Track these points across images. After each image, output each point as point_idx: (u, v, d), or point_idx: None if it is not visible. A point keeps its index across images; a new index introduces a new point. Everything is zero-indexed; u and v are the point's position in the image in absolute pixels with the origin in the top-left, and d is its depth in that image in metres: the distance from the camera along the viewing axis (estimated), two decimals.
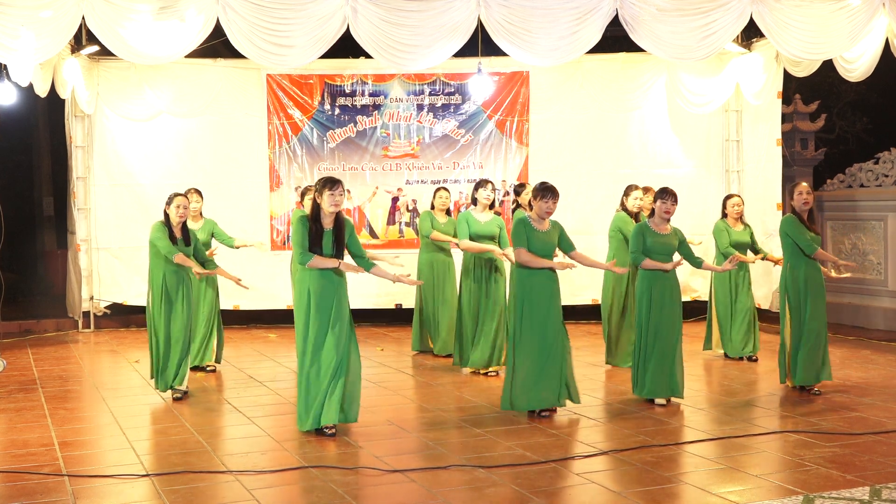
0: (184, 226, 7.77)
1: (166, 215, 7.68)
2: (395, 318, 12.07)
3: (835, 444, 5.99)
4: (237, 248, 9.31)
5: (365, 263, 6.63)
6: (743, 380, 8.31)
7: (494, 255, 8.58)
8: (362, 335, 11.21)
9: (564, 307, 10.63)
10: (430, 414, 7.19)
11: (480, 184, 8.71)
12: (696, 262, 7.53)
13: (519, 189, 9.36)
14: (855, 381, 8.11)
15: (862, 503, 4.85)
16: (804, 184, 7.79)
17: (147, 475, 5.53)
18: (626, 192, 8.98)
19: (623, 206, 8.99)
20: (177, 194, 7.77)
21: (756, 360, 9.11)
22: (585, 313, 11.83)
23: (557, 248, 7.10)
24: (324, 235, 6.36)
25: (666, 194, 7.29)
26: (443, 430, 6.65)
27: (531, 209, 7.03)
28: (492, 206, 8.83)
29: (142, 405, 7.58)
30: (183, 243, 7.72)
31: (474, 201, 8.70)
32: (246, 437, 6.50)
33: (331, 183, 6.35)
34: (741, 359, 9.18)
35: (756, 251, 9.14)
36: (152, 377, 7.83)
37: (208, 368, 9.00)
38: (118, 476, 5.53)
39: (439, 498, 5.05)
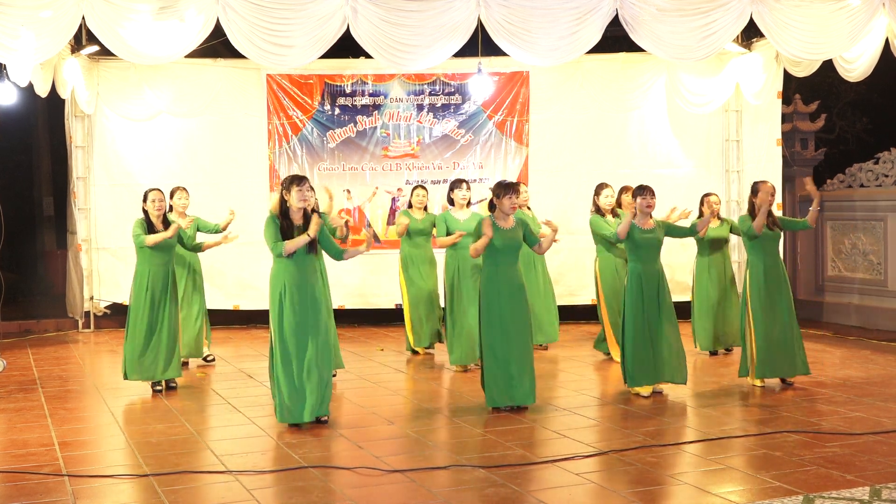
0: (164, 219, 8.00)
1: (145, 212, 7.95)
2: (396, 318, 12.05)
3: (835, 444, 5.99)
4: (223, 228, 9.15)
5: (337, 255, 6.77)
6: (742, 380, 8.31)
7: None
8: (362, 335, 11.23)
9: (564, 307, 10.67)
10: (429, 414, 7.19)
11: (455, 184, 8.90)
12: (689, 231, 7.96)
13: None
14: (855, 380, 8.11)
15: (862, 503, 4.85)
16: (769, 183, 7.86)
17: (147, 475, 5.53)
18: (597, 191, 9.15)
19: (595, 206, 9.12)
20: (151, 190, 8.08)
21: (731, 351, 9.44)
22: (585, 313, 11.81)
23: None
24: (294, 230, 6.51)
25: (644, 190, 7.48)
26: (442, 429, 6.65)
27: (492, 210, 7.10)
28: (469, 204, 9.03)
29: (142, 405, 7.59)
30: None
31: (451, 202, 8.82)
32: (246, 437, 6.50)
33: (298, 180, 6.54)
34: (716, 352, 9.45)
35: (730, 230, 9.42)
36: (125, 376, 7.94)
37: (208, 359, 9.37)
38: (118, 476, 5.53)
39: (439, 498, 5.05)
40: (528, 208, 9.76)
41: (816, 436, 6.21)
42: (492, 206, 7.12)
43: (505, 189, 6.98)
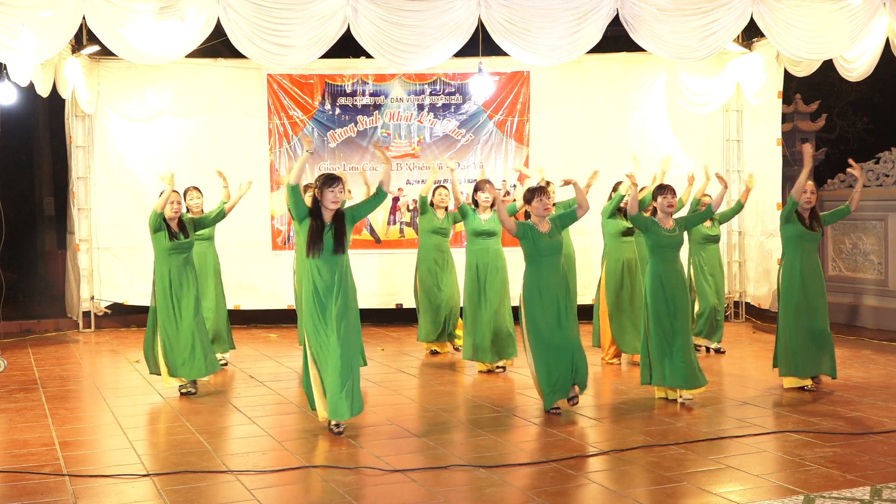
0: (180, 220, 7.90)
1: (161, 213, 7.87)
2: (396, 317, 12.07)
3: (835, 444, 5.99)
4: (230, 204, 8.82)
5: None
6: (743, 379, 8.31)
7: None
8: (363, 335, 11.20)
9: None
10: (430, 414, 7.20)
11: (479, 186, 8.72)
12: (705, 213, 7.77)
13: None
14: (855, 381, 8.11)
15: (862, 503, 4.85)
16: (809, 182, 7.77)
17: (147, 475, 5.54)
18: (615, 188, 9.23)
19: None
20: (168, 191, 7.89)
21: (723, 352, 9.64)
22: (586, 313, 11.77)
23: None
24: (324, 229, 6.41)
25: (665, 189, 7.38)
26: (443, 429, 6.65)
27: (527, 217, 7.11)
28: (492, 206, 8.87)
29: (142, 405, 7.59)
30: (182, 236, 7.86)
31: (475, 203, 8.71)
32: (246, 437, 6.51)
33: (330, 180, 6.44)
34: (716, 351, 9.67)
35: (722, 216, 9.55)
36: (155, 372, 7.90)
37: (221, 363, 9.20)
38: (118, 476, 5.53)
39: (439, 498, 5.06)
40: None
41: (817, 436, 6.21)
42: (527, 215, 7.15)
43: (532, 192, 7.05)
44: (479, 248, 8.66)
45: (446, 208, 9.62)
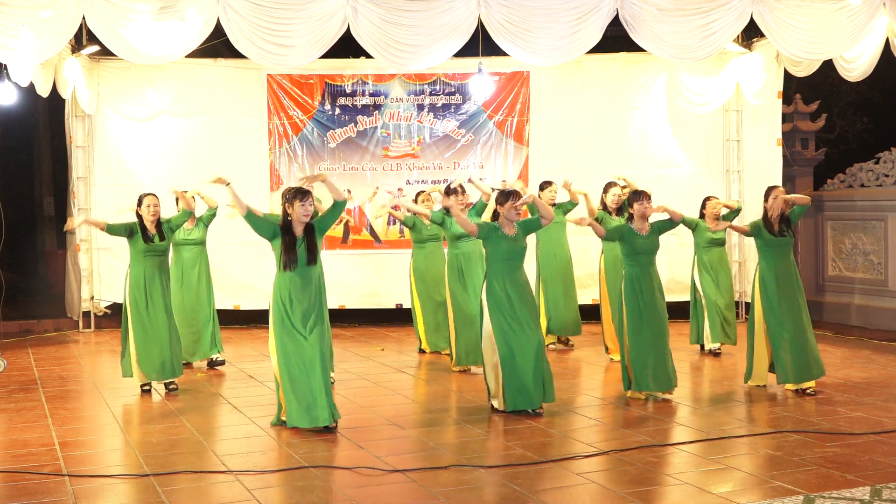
0: (158, 223, 7.87)
1: (139, 216, 7.84)
2: (396, 318, 12.06)
3: (835, 444, 5.99)
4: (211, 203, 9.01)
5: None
6: (742, 379, 8.31)
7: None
8: (362, 335, 11.23)
9: None
10: (430, 414, 7.20)
11: (450, 191, 8.55)
12: (670, 223, 7.58)
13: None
14: (855, 380, 8.11)
15: (862, 503, 4.85)
16: (780, 187, 7.83)
17: (147, 475, 5.53)
18: (605, 189, 9.20)
19: (602, 203, 9.16)
20: (146, 194, 7.96)
21: (719, 355, 9.44)
22: (586, 313, 11.79)
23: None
24: (297, 243, 6.47)
25: (640, 195, 7.43)
26: (443, 429, 6.65)
27: (496, 218, 7.03)
28: (468, 206, 8.81)
29: (142, 405, 7.59)
30: (158, 239, 7.85)
31: (447, 210, 8.60)
32: (246, 437, 6.51)
33: (301, 194, 6.46)
34: (711, 353, 9.49)
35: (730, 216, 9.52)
36: (128, 375, 7.90)
37: (216, 359, 9.18)
38: (118, 476, 5.53)
39: (439, 498, 5.06)
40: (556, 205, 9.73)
41: (817, 436, 6.21)
42: (496, 215, 7.05)
43: (507, 196, 6.96)
44: (461, 251, 8.63)
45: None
